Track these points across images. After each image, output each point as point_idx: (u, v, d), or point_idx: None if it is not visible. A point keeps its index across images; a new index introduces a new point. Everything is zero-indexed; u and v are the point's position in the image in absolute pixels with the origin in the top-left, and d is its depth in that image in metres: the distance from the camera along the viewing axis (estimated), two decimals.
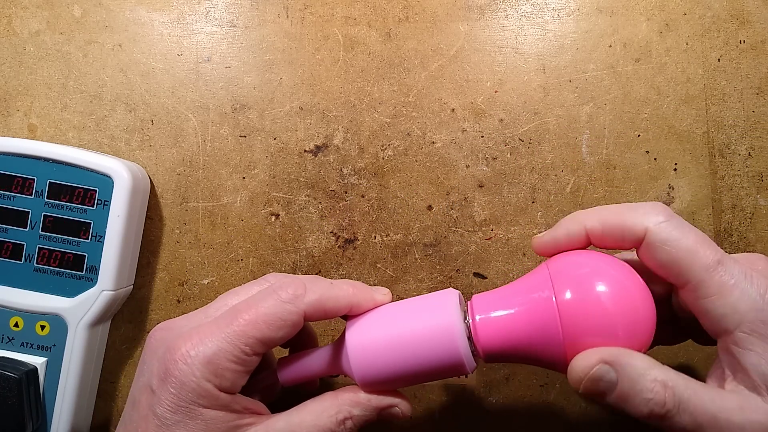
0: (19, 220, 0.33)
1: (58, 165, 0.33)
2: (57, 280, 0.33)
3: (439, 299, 0.27)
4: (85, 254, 0.33)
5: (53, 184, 0.33)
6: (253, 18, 0.36)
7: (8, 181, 0.33)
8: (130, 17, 0.37)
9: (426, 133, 0.36)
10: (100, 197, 0.33)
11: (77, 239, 0.33)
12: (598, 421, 0.35)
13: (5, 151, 0.33)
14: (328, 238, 0.36)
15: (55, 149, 0.33)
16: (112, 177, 0.33)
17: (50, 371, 0.33)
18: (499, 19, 0.36)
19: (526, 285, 0.26)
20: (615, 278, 0.24)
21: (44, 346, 0.33)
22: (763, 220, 0.35)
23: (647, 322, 0.24)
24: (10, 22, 0.37)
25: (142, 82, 0.36)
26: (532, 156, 0.36)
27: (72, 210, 0.33)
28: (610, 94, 0.36)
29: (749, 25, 0.35)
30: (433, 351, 0.26)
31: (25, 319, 0.33)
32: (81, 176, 0.33)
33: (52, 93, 0.37)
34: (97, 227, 0.33)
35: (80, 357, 0.33)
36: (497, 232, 0.36)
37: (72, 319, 0.33)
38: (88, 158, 0.33)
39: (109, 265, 0.33)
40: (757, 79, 0.35)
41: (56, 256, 0.33)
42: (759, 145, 0.35)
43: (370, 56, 0.36)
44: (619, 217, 0.25)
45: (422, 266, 0.36)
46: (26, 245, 0.33)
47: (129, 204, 0.33)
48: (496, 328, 0.26)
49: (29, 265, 0.33)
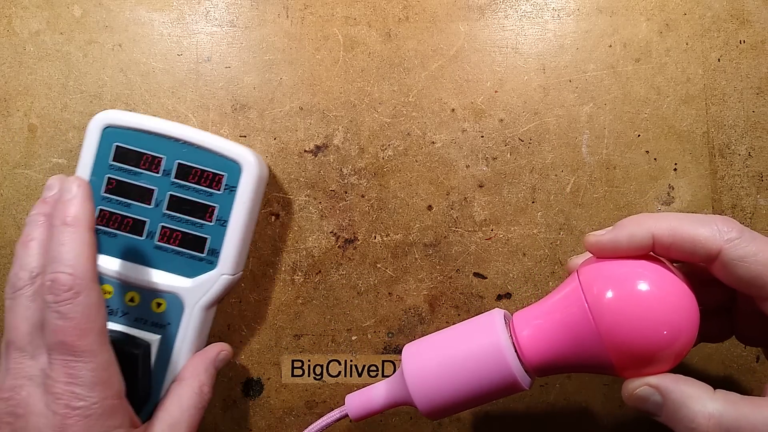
0: (144, 196, 0.33)
1: (189, 147, 0.33)
2: (177, 260, 0.33)
3: (484, 321, 0.28)
4: (208, 237, 0.33)
5: (182, 164, 0.33)
6: (253, 18, 0.36)
7: (136, 157, 0.33)
8: (130, 17, 0.37)
9: (426, 133, 0.36)
10: (227, 182, 0.33)
11: (201, 221, 0.33)
12: (598, 421, 0.35)
13: (136, 127, 0.33)
14: (328, 238, 0.36)
15: (188, 131, 0.33)
16: (241, 164, 0.33)
17: (162, 350, 0.33)
18: (499, 19, 0.36)
19: (560, 293, 0.26)
20: (646, 276, 0.24)
21: (159, 323, 0.33)
22: (763, 220, 0.35)
23: (687, 320, 0.24)
24: (10, 22, 0.37)
25: (142, 82, 0.36)
26: (532, 156, 0.36)
27: (198, 192, 0.33)
28: (610, 94, 0.36)
29: (749, 25, 0.35)
30: (486, 372, 0.26)
31: (142, 295, 0.33)
32: (211, 160, 0.33)
33: (52, 93, 0.37)
34: (221, 211, 0.33)
35: (193, 338, 0.33)
36: (497, 232, 0.36)
37: (189, 300, 0.33)
38: (219, 143, 0.33)
39: (230, 249, 0.33)
40: (757, 79, 0.35)
41: (178, 236, 0.33)
42: (759, 145, 0.35)
43: (370, 56, 0.36)
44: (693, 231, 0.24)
45: (422, 266, 0.36)
46: (149, 222, 0.33)
47: (254, 192, 0.33)
48: (538, 341, 0.26)
49: (150, 242, 0.33)
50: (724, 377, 0.35)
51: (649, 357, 0.24)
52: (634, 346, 0.24)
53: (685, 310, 0.24)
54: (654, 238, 0.25)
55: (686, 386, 0.24)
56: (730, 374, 0.35)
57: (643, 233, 0.25)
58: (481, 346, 0.26)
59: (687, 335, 0.24)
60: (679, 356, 0.24)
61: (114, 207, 0.33)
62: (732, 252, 0.23)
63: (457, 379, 0.26)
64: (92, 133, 0.33)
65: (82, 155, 0.33)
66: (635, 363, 0.24)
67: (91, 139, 0.33)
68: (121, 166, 0.33)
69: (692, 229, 0.24)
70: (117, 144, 0.33)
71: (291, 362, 0.36)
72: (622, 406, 0.35)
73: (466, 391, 0.26)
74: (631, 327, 0.23)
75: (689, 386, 0.24)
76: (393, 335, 0.36)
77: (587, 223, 0.36)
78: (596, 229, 0.35)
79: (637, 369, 0.24)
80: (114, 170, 0.33)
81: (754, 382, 0.35)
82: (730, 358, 0.35)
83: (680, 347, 0.24)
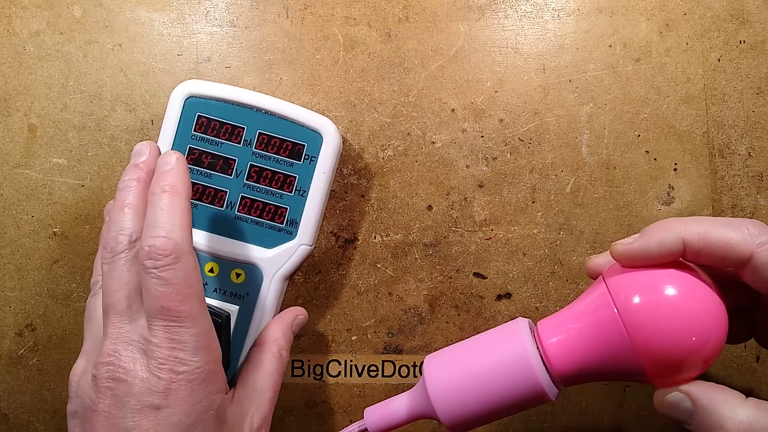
0: (225, 167, 0.33)
1: (270, 116, 0.33)
2: (256, 230, 0.33)
3: (509, 330, 0.27)
4: (287, 207, 0.33)
5: (263, 134, 0.33)
6: (253, 18, 0.36)
7: (217, 127, 0.33)
8: (130, 17, 0.37)
9: (426, 133, 0.36)
10: (307, 152, 0.33)
11: (281, 192, 0.33)
12: (598, 421, 0.35)
13: (218, 97, 0.33)
14: (328, 238, 0.36)
15: (269, 101, 0.33)
16: (321, 134, 0.33)
17: (240, 320, 0.32)
18: (499, 19, 0.36)
19: (587, 300, 0.26)
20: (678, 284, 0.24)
21: (238, 294, 0.33)
22: (763, 220, 0.35)
23: (717, 326, 0.24)
24: (10, 22, 0.37)
25: (142, 82, 0.36)
26: (532, 156, 0.36)
27: (279, 162, 0.33)
28: (610, 94, 0.36)
29: (749, 25, 0.35)
30: (513, 383, 0.26)
31: (221, 266, 0.33)
32: (291, 130, 0.33)
33: (52, 93, 0.37)
34: (301, 182, 0.33)
35: (272, 308, 0.33)
36: (497, 232, 0.36)
37: (269, 270, 0.33)
38: (300, 113, 0.33)
39: (309, 220, 0.33)
40: (757, 79, 0.35)
41: (258, 206, 0.33)
42: (759, 145, 0.35)
43: (370, 56, 0.36)
44: (724, 235, 0.23)
45: (422, 266, 0.36)
46: (229, 192, 0.33)
47: (333, 162, 0.33)
48: (566, 350, 0.25)
49: (230, 213, 0.33)
50: (724, 377, 0.35)
51: (681, 363, 0.24)
52: (668, 354, 0.23)
53: (715, 317, 0.24)
54: (685, 244, 0.24)
55: (716, 393, 0.23)
56: (730, 374, 0.35)
57: (674, 239, 0.24)
58: (508, 357, 0.26)
59: (717, 341, 0.24)
60: (709, 361, 0.24)
61: (195, 177, 0.33)
62: (764, 256, 0.23)
63: (483, 392, 0.26)
64: (174, 103, 0.33)
65: (164, 125, 0.33)
66: (668, 369, 0.24)
67: (173, 109, 0.33)
68: (203, 136, 0.33)
69: (723, 233, 0.24)
70: (199, 114, 0.33)
71: (291, 362, 0.36)
72: (622, 406, 0.35)
73: (492, 403, 0.26)
74: (665, 335, 0.23)
75: (719, 393, 0.23)
76: (393, 335, 0.36)
77: (587, 223, 0.36)
78: (596, 229, 0.35)
79: (669, 375, 0.24)
80: (195, 140, 0.33)
81: (754, 382, 0.35)
82: (730, 358, 0.35)
83: (710, 352, 0.24)
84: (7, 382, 0.37)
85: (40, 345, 0.37)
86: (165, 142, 0.33)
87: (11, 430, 0.37)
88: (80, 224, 0.36)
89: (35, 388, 0.37)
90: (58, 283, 0.36)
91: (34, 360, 0.37)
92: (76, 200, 0.36)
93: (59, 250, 0.36)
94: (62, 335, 0.36)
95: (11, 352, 0.37)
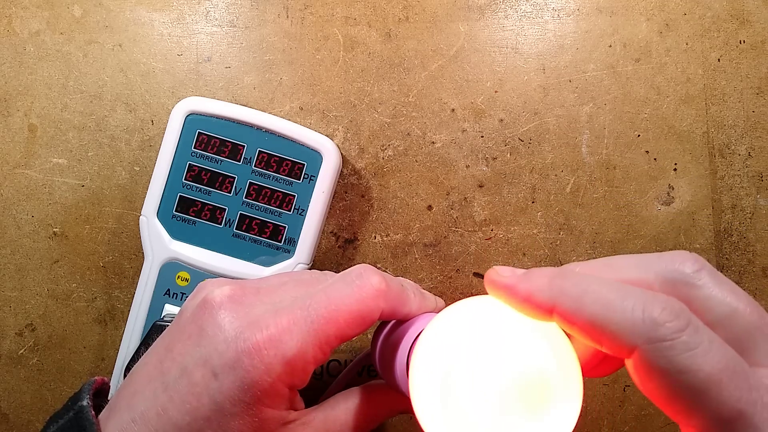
0: (224, 184, 0.33)
1: (270, 135, 0.33)
2: (254, 248, 0.33)
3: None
4: (286, 226, 0.33)
5: (263, 153, 0.33)
6: (253, 18, 0.36)
7: (218, 145, 0.33)
8: (130, 17, 0.37)
9: (426, 133, 0.36)
10: (307, 171, 0.33)
11: (279, 210, 0.33)
12: (598, 421, 0.35)
13: (218, 114, 0.33)
14: (328, 238, 0.36)
15: (270, 119, 0.33)
16: (321, 153, 0.33)
17: None
18: (499, 19, 0.36)
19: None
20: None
21: None
22: (763, 220, 0.35)
23: None
24: (10, 22, 0.37)
25: (142, 82, 0.36)
26: (532, 156, 0.36)
27: (278, 181, 0.33)
28: (610, 94, 0.36)
29: (749, 25, 0.35)
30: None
31: None
32: (291, 149, 0.33)
33: (52, 93, 0.37)
34: (300, 201, 0.33)
35: None
36: (497, 232, 0.36)
37: None
38: (300, 132, 0.33)
39: (307, 239, 0.33)
40: (757, 79, 0.35)
41: (256, 224, 0.33)
42: (759, 145, 0.35)
43: (370, 56, 0.36)
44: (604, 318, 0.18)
45: (422, 266, 0.36)
46: (228, 210, 0.33)
47: (332, 181, 0.33)
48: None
49: (228, 230, 0.33)
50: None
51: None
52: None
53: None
54: (555, 312, 0.20)
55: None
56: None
57: (543, 299, 0.20)
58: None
59: None
60: None
61: (194, 194, 0.33)
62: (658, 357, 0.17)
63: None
64: (175, 120, 0.33)
65: (165, 141, 0.33)
66: None
67: (173, 125, 0.33)
68: (203, 153, 0.33)
69: (603, 314, 0.18)
70: (199, 131, 0.33)
71: None
72: (622, 406, 0.35)
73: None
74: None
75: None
76: None
77: (587, 223, 0.36)
78: (596, 229, 0.35)
79: None
80: (195, 157, 0.33)
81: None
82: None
83: None
84: (7, 382, 0.37)
85: (40, 345, 0.37)
86: (165, 159, 0.33)
87: (11, 430, 0.37)
88: (80, 224, 0.36)
89: (35, 388, 0.37)
90: (58, 283, 0.36)
91: (34, 360, 0.37)
92: (76, 200, 0.36)
93: (59, 250, 0.36)
94: (62, 335, 0.36)
95: (11, 352, 0.37)
